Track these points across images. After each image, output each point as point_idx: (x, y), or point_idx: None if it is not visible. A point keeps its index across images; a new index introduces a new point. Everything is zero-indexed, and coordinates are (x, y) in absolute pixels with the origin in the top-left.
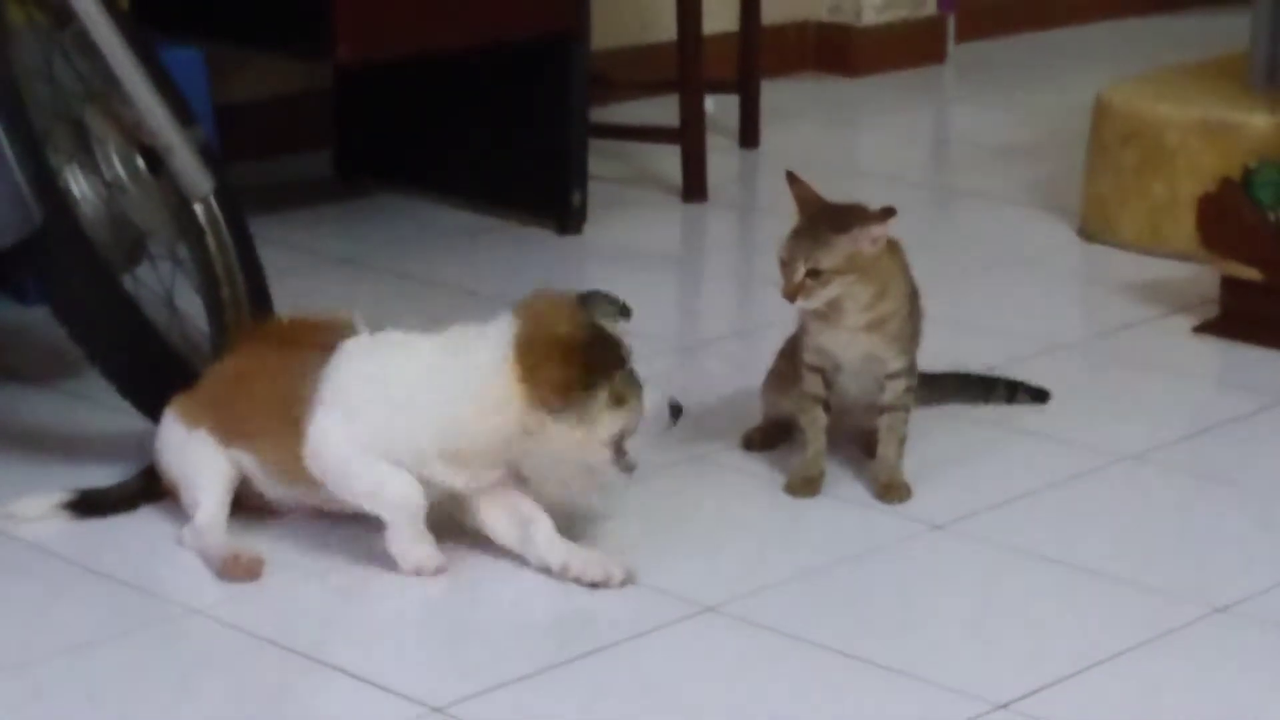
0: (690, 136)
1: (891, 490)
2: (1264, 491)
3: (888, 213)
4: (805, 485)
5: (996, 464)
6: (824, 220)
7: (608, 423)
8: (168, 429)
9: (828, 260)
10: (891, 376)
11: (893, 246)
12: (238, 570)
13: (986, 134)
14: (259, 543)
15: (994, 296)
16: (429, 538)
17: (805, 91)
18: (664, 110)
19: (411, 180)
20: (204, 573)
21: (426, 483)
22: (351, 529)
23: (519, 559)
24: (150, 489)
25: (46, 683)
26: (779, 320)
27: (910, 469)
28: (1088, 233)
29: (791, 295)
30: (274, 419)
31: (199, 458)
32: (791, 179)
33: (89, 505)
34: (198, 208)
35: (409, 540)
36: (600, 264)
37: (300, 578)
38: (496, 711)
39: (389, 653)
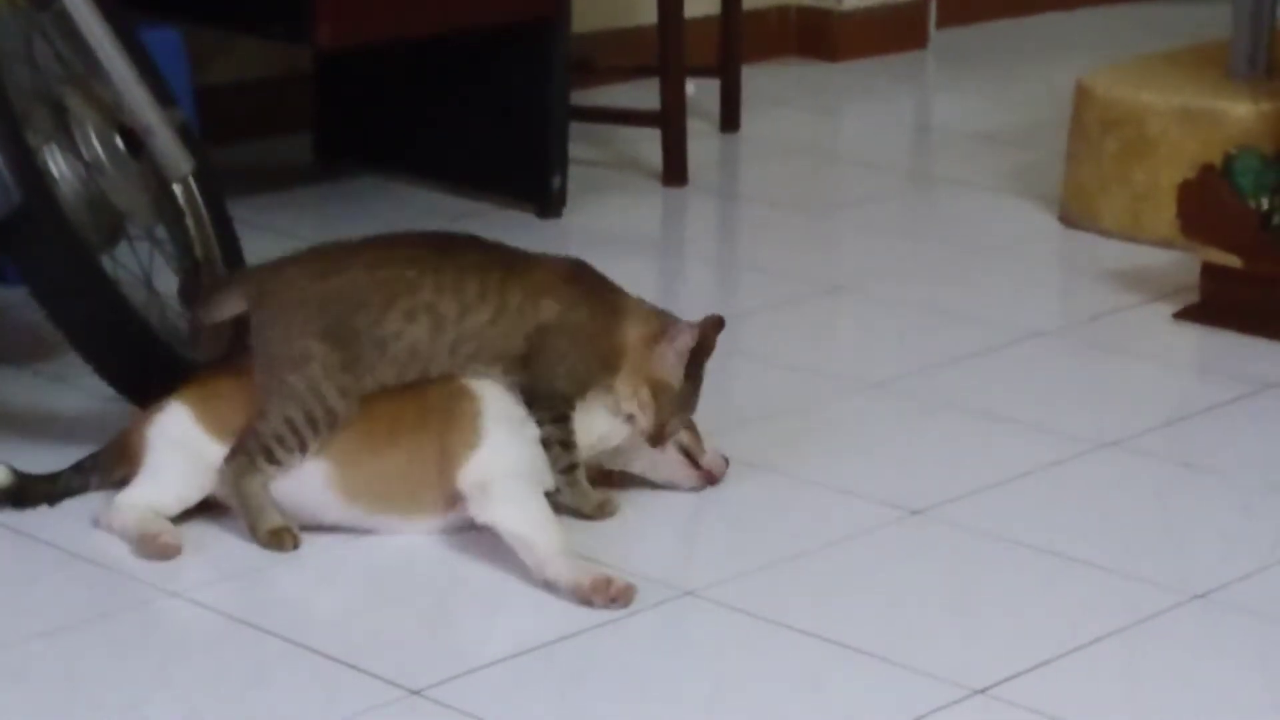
0: (671, 121)
1: None
2: (1244, 478)
3: None
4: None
5: (976, 450)
6: None
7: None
8: (173, 422)
9: None
10: None
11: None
12: (156, 548)
13: (967, 120)
14: (230, 528)
15: (974, 283)
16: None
17: (786, 76)
18: (645, 94)
19: (391, 164)
20: (181, 556)
21: None
22: None
23: (497, 542)
24: (82, 485)
25: (24, 665)
26: (759, 305)
27: (890, 455)
28: (1068, 219)
29: None
30: (376, 440)
31: (188, 463)
32: None
33: (13, 495)
34: (177, 189)
35: (582, 570)
36: (580, 248)
37: (277, 561)
38: (474, 695)
39: (366, 636)
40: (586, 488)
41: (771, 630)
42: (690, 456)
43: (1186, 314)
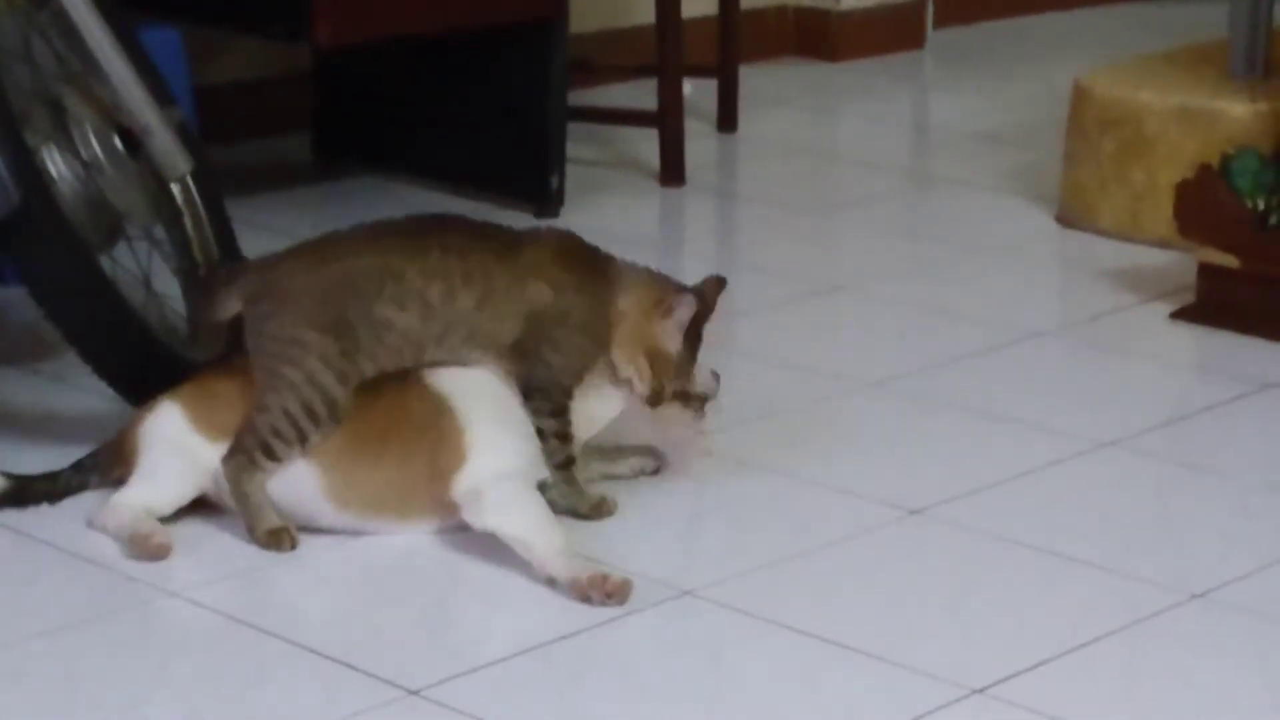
0: (668, 121)
1: None
2: (1241, 478)
3: None
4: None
5: (974, 450)
6: None
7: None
8: (166, 422)
9: None
10: None
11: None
12: (147, 549)
13: (965, 120)
14: (229, 528)
15: (972, 283)
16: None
17: (784, 76)
18: (642, 94)
19: (390, 163)
20: (180, 556)
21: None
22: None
23: (496, 542)
24: (81, 484)
25: (24, 665)
26: (758, 305)
27: (889, 455)
28: (1066, 220)
29: None
30: (367, 445)
31: (182, 463)
32: None
33: (13, 497)
34: (175, 189)
35: (579, 568)
36: None
37: (276, 561)
38: (473, 695)
39: (365, 635)
40: (582, 486)
41: (770, 630)
42: (683, 398)
43: (1184, 314)
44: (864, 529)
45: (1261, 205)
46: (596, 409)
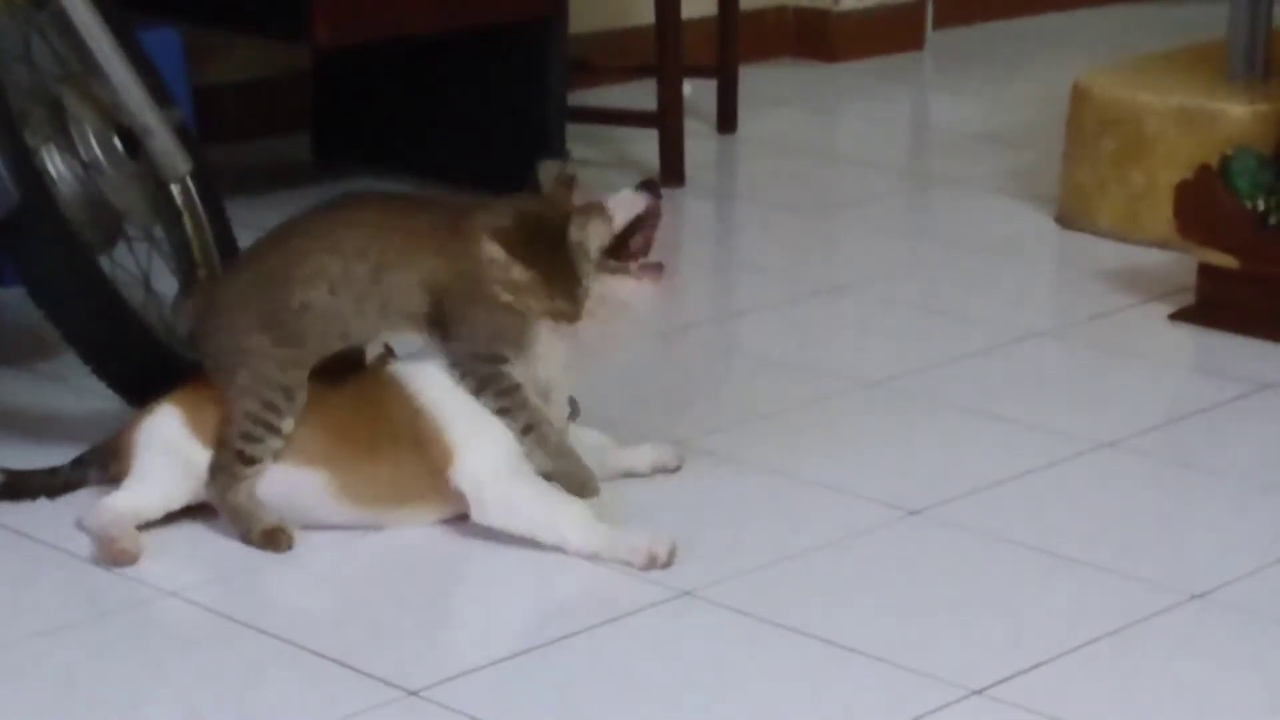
0: (668, 121)
1: None
2: (1240, 478)
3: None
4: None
5: (973, 450)
6: None
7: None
8: (163, 425)
9: None
10: None
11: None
12: (111, 553)
13: (965, 121)
14: (228, 529)
15: (971, 283)
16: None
17: (783, 77)
18: (642, 94)
19: (389, 163)
20: (179, 556)
21: None
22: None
23: (495, 541)
24: (80, 479)
25: (21, 665)
26: (757, 305)
27: (887, 455)
28: (1065, 220)
29: None
30: (357, 444)
31: (175, 467)
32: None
33: (11, 490)
34: (175, 189)
35: (615, 539)
36: None
37: (274, 561)
38: (473, 695)
39: (364, 636)
40: (567, 449)
41: (770, 630)
42: (612, 265)
43: (1183, 314)
44: (863, 529)
45: (1261, 205)
46: (539, 354)
